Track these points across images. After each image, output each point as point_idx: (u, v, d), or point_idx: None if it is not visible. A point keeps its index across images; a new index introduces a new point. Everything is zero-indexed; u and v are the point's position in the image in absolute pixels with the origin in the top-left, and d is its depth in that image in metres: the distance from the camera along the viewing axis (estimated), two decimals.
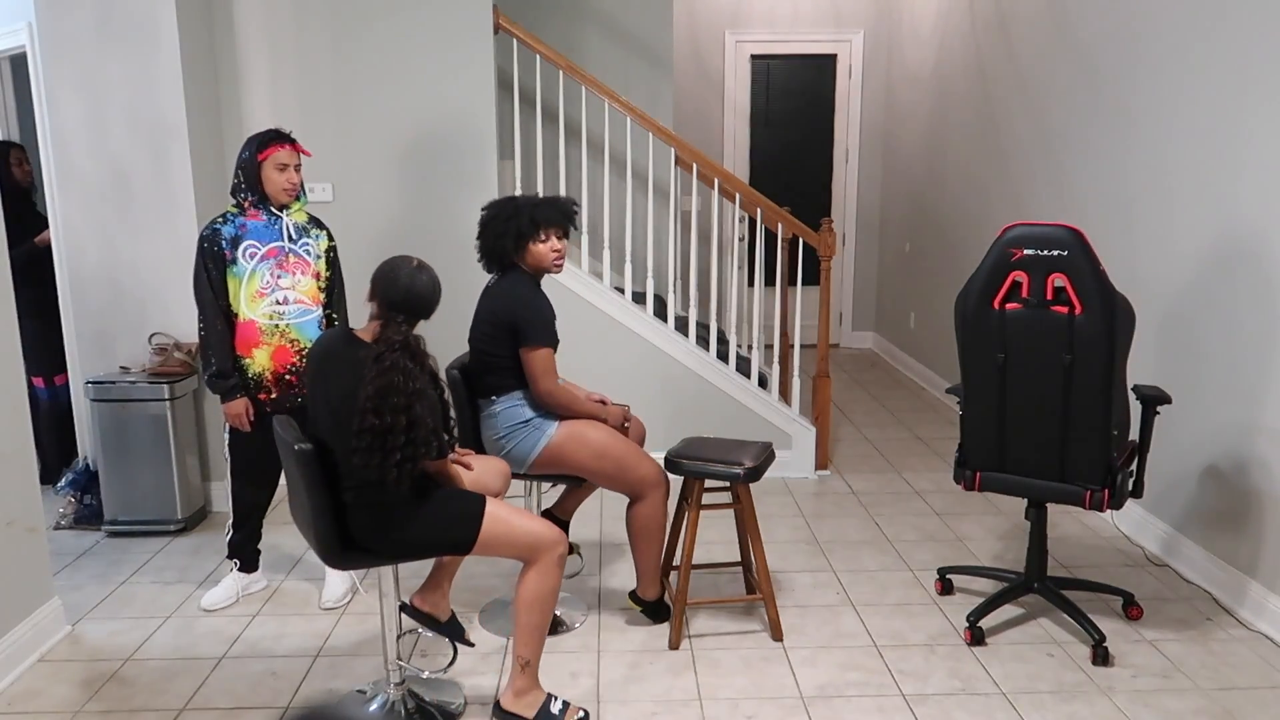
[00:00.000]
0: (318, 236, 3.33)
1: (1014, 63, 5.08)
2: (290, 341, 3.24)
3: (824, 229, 4.60)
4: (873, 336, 7.84)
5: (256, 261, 3.19)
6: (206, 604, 3.39)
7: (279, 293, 3.22)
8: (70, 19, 3.96)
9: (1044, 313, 2.87)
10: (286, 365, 3.24)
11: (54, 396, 4.51)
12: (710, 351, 4.68)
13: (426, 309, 2.50)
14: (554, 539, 2.56)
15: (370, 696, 2.78)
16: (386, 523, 2.46)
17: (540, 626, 2.59)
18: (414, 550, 2.53)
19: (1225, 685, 2.87)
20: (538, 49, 4.50)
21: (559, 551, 2.57)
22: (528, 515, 2.59)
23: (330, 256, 3.36)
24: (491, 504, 2.55)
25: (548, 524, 2.61)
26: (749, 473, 3.05)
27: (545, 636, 2.63)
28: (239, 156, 3.23)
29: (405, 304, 2.45)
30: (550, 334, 3.00)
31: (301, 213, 3.31)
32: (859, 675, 2.96)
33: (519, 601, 2.57)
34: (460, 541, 2.51)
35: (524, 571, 2.58)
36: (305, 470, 2.39)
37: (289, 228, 3.25)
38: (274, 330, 3.22)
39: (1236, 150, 3.29)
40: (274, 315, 3.22)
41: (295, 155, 3.23)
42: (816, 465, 4.77)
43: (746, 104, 7.46)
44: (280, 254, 3.22)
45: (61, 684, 2.93)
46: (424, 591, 2.80)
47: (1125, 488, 3.03)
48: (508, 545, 2.54)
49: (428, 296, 2.49)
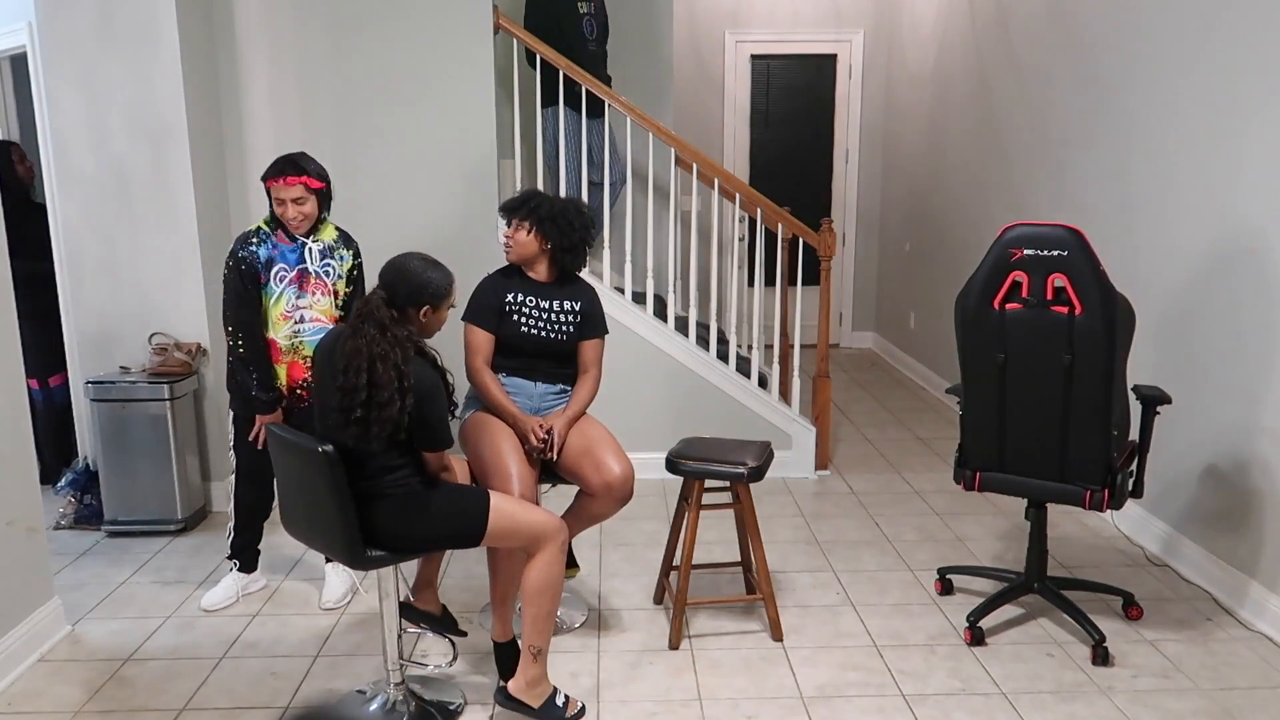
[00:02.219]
0: (343, 258, 3.32)
1: (1014, 63, 5.08)
2: (304, 358, 3.27)
3: (824, 229, 4.60)
4: (873, 336, 7.84)
5: (285, 285, 3.22)
6: (206, 604, 3.39)
7: (299, 313, 3.25)
8: (70, 19, 3.95)
9: (1044, 313, 2.87)
10: (299, 380, 3.27)
11: (48, 398, 4.51)
12: (710, 351, 4.68)
13: (403, 285, 2.51)
14: (557, 527, 2.63)
15: (370, 696, 2.78)
16: (402, 516, 2.50)
17: (550, 613, 2.64)
18: (428, 543, 2.60)
19: (1225, 685, 2.87)
20: (538, 49, 4.50)
21: (562, 539, 2.63)
22: (529, 506, 2.67)
23: (354, 274, 3.36)
24: (496, 497, 2.60)
25: (549, 513, 2.67)
26: (752, 472, 3.05)
27: (553, 625, 2.67)
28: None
29: (382, 280, 2.55)
30: (471, 311, 3.09)
31: (331, 231, 3.31)
32: (859, 675, 2.96)
33: (526, 591, 2.62)
34: (470, 534, 2.56)
35: (529, 562, 2.62)
36: (330, 472, 2.39)
37: (312, 251, 3.26)
38: (292, 349, 3.26)
39: (1236, 150, 3.29)
40: (293, 335, 3.25)
41: (297, 189, 3.16)
42: (816, 465, 4.77)
43: (746, 104, 7.46)
44: (303, 276, 3.25)
45: (61, 684, 2.93)
46: (415, 591, 2.83)
47: (1125, 488, 3.03)
48: (514, 536, 2.60)
49: (397, 269, 2.53)
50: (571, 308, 3.13)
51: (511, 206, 3.15)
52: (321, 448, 2.39)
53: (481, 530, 2.55)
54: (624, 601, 3.44)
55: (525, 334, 3.07)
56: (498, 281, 3.14)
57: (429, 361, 2.53)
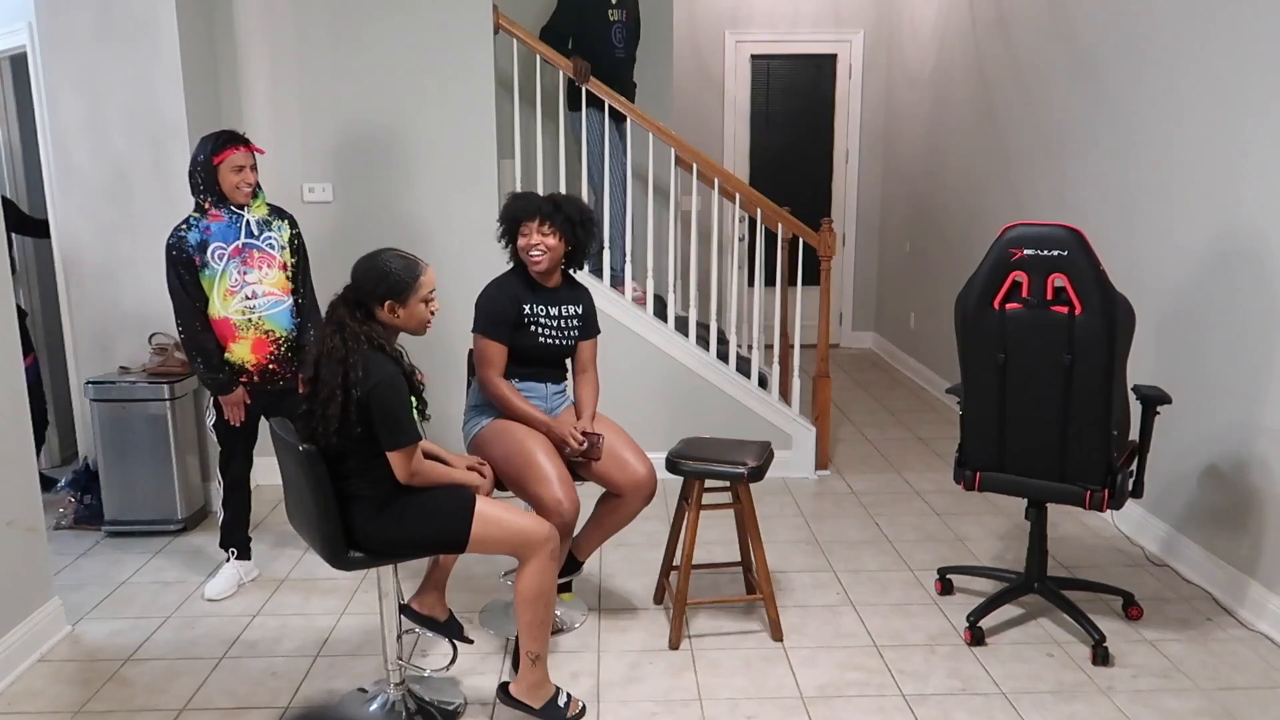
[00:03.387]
0: (280, 228, 3.40)
1: (1014, 63, 5.08)
2: (265, 333, 3.33)
3: (824, 229, 4.60)
4: (873, 336, 7.84)
5: (225, 262, 3.27)
6: (210, 594, 3.45)
7: (247, 288, 3.29)
8: (70, 19, 3.95)
9: (1044, 313, 2.87)
10: (267, 355, 3.33)
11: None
12: (710, 351, 4.68)
13: (365, 280, 2.49)
14: (545, 534, 2.57)
15: (370, 696, 2.78)
16: (378, 518, 2.48)
17: (544, 621, 2.60)
18: (409, 548, 2.54)
19: (1225, 685, 2.87)
20: (538, 49, 4.50)
21: (551, 546, 2.57)
22: (518, 512, 2.60)
23: (295, 244, 3.44)
24: (482, 502, 2.55)
25: (538, 519, 2.62)
26: (752, 472, 3.05)
27: (550, 630, 2.65)
28: (193, 159, 3.28)
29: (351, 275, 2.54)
30: (486, 324, 3.01)
31: (262, 206, 3.38)
32: (859, 675, 2.96)
33: (518, 599, 2.58)
34: (452, 540, 2.53)
35: (520, 569, 2.58)
36: (310, 470, 2.40)
37: (250, 223, 3.32)
38: (248, 324, 3.31)
39: (1237, 150, 3.29)
40: (245, 310, 3.30)
41: (250, 156, 3.30)
42: (816, 465, 4.77)
43: (746, 104, 7.46)
44: (244, 251, 3.30)
45: (61, 684, 2.93)
46: (420, 595, 2.83)
47: (1125, 488, 3.03)
48: (499, 543, 2.55)
49: (363, 263, 2.52)
50: (575, 312, 3.13)
51: (544, 211, 2.97)
52: (302, 446, 2.40)
53: (465, 535, 2.51)
54: (624, 601, 3.44)
55: (541, 344, 3.07)
56: (509, 291, 3.04)
57: (390, 358, 2.47)
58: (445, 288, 4.53)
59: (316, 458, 2.39)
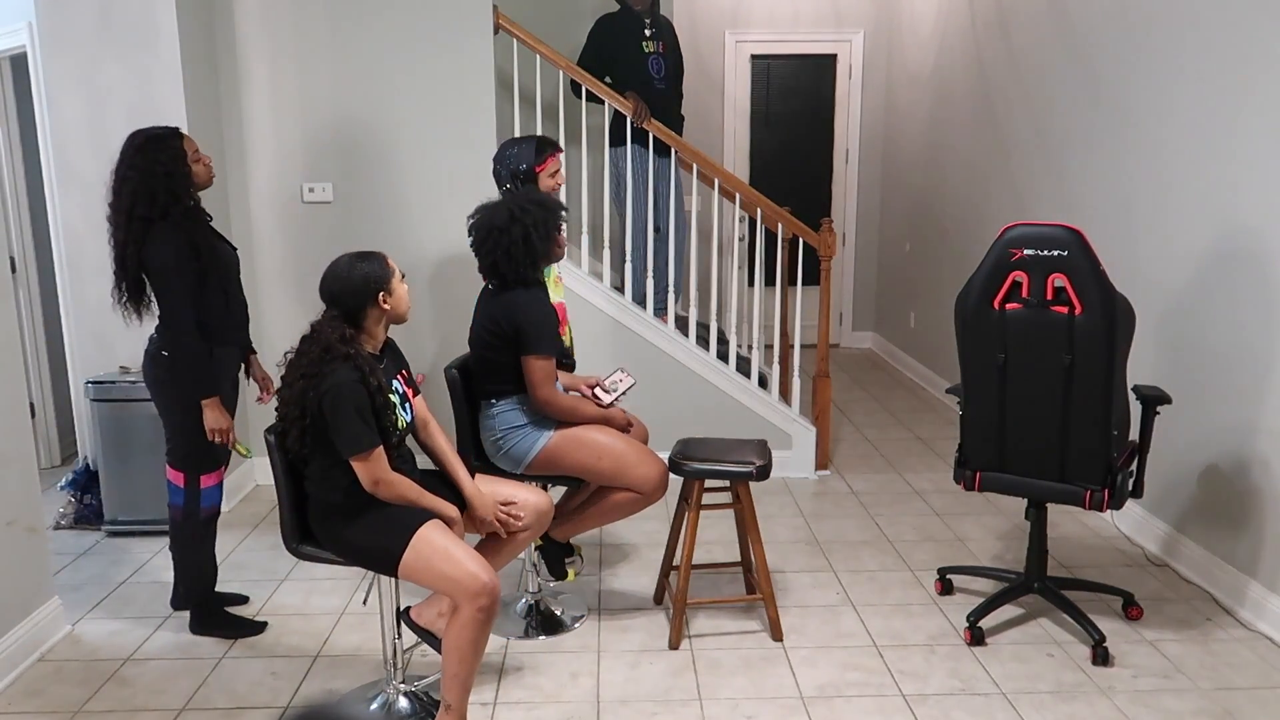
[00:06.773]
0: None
1: (1014, 63, 5.08)
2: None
3: (824, 229, 4.60)
4: (873, 336, 7.84)
5: None
6: None
7: None
8: (70, 19, 3.95)
9: (1044, 313, 2.87)
10: None
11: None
12: (710, 351, 4.68)
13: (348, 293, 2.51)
14: (474, 589, 2.37)
15: (370, 696, 2.78)
16: (325, 521, 2.55)
17: (459, 676, 2.46)
18: (348, 554, 2.54)
19: (1225, 685, 2.87)
20: (538, 49, 4.50)
21: (481, 603, 2.38)
22: (462, 558, 2.42)
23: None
24: (429, 529, 2.44)
25: (477, 573, 2.39)
26: (760, 470, 3.06)
27: (469, 686, 2.51)
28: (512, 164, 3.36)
29: (324, 299, 2.57)
30: (552, 344, 3.02)
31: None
32: (859, 675, 2.96)
33: (444, 642, 2.48)
34: (383, 560, 2.47)
35: (451, 614, 2.47)
36: (279, 458, 2.56)
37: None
38: None
39: (1236, 150, 3.29)
40: None
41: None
42: (816, 465, 4.77)
43: (746, 104, 7.46)
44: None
45: (61, 684, 2.93)
46: (422, 607, 2.78)
47: (1125, 488, 3.03)
48: (431, 579, 2.42)
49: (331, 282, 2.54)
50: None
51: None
52: (266, 434, 2.59)
53: (397, 558, 2.42)
54: (624, 601, 3.44)
55: (566, 349, 3.25)
56: (549, 302, 3.10)
57: (355, 367, 2.44)
58: (446, 288, 4.55)
59: (278, 444, 2.56)
